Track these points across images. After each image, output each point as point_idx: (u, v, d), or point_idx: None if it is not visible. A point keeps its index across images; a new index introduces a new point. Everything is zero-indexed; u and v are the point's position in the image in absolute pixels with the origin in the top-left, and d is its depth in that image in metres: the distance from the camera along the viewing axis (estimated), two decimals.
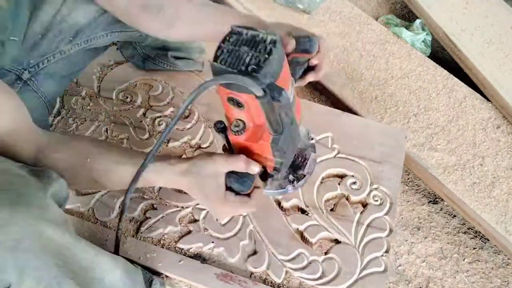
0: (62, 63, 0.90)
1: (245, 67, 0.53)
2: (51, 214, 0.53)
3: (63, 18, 0.86)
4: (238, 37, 0.55)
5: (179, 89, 1.08)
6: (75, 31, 0.88)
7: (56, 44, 0.87)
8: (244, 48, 0.54)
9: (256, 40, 0.54)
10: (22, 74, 0.85)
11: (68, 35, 0.88)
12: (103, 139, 0.99)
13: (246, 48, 0.54)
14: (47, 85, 0.89)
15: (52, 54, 0.88)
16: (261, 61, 0.53)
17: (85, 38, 0.90)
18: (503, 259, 1.05)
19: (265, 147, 0.62)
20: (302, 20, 1.40)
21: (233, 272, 0.82)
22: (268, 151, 0.63)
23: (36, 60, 0.86)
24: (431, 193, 1.15)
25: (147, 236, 0.86)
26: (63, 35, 0.87)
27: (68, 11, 0.86)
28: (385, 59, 1.32)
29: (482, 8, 1.42)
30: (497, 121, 1.21)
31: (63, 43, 0.88)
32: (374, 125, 1.05)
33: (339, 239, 0.88)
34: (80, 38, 0.90)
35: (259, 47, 0.54)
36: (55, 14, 0.85)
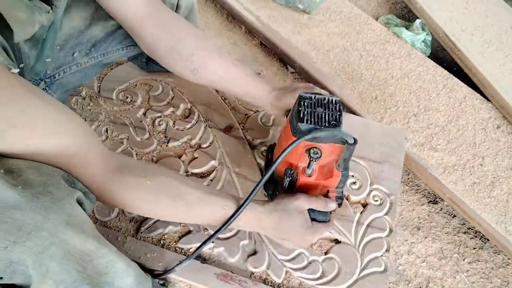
0: (77, 75, 0.92)
1: (328, 123, 0.67)
2: (77, 220, 0.54)
3: (81, 32, 0.87)
4: (310, 101, 0.68)
5: (179, 89, 1.08)
6: (91, 44, 0.90)
7: (73, 56, 0.89)
8: (319, 109, 0.68)
9: (325, 102, 0.69)
10: (39, 85, 0.86)
11: (85, 48, 0.90)
12: (103, 139, 0.99)
13: (321, 109, 0.68)
14: (58, 94, 0.91)
15: (68, 66, 0.89)
16: (337, 117, 0.68)
17: (101, 51, 0.92)
18: (503, 259, 1.05)
19: (333, 182, 0.75)
20: (302, 20, 1.40)
21: (233, 272, 0.82)
22: (335, 185, 0.76)
23: (52, 71, 0.87)
24: (431, 193, 1.15)
25: (147, 236, 0.86)
26: (80, 48, 0.89)
27: (86, 26, 0.87)
28: (385, 59, 1.32)
29: (482, 8, 1.42)
30: (497, 121, 1.21)
31: (79, 56, 0.89)
32: (374, 125, 1.05)
33: (339, 239, 0.88)
34: (97, 51, 0.91)
35: (331, 107, 0.68)
36: (74, 27, 0.86)
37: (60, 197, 0.53)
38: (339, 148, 0.69)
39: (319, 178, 0.74)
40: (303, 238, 0.74)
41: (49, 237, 0.50)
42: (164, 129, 1.01)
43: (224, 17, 1.52)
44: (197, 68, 0.85)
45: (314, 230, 0.74)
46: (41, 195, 0.51)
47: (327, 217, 0.76)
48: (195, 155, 0.97)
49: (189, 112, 1.05)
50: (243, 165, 0.96)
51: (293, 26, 1.38)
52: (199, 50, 0.85)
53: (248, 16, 1.40)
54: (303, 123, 0.66)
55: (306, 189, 0.77)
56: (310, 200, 0.74)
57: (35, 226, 0.49)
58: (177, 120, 1.03)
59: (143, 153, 0.97)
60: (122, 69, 1.12)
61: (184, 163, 0.96)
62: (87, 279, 0.55)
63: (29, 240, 0.48)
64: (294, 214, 0.73)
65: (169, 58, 0.86)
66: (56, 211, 0.51)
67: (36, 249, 0.49)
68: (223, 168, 0.95)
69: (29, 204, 0.49)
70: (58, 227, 0.51)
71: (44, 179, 0.53)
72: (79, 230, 0.54)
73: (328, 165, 0.73)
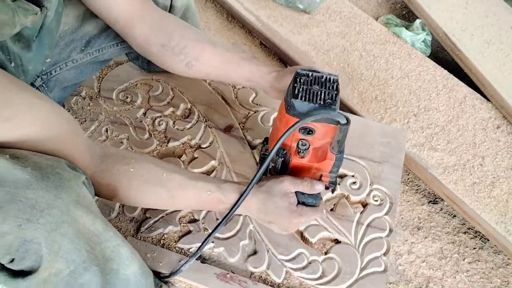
0: (73, 71, 0.92)
1: (323, 101, 0.64)
2: (86, 201, 0.55)
3: (74, 28, 0.88)
4: (306, 79, 0.66)
5: (179, 89, 1.08)
6: (86, 41, 0.90)
7: (68, 53, 0.89)
8: (316, 87, 0.65)
9: (322, 80, 0.66)
10: (35, 81, 0.86)
11: (79, 45, 0.90)
12: (103, 139, 0.99)
13: (317, 87, 0.65)
14: (55, 91, 0.91)
15: (64, 63, 0.89)
16: (333, 96, 0.65)
17: (96, 47, 0.92)
18: (503, 259, 1.05)
19: (326, 165, 0.72)
20: (302, 20, 1.40)
21: (233, 272, 0.83)
22: (328, 168, 0.73)
23: (48, 68, 0.87)
24: (431, 193, 1.15)
25: (147, 236, 0.86)
26: (74, 44, 0.89)
27: (79, 23, 0.88)
28: (385, 59, 1.32)
29: (482, 8, 1.42)
30: (497, 121, 1.21)
31: (74, 52, 0.90)
32: (374, 125, 1.05)
33: (339, 239, 0.88)
34: (92, 47, 0.92)
35: (327, 85, 0.66)
36: (67, 24, 0.86)
37: (68, 178, 0.54)
38: (333, 129, 0.67)
39: (312, 161, 0.72)
40: (288, 221, 0.73)
41: (60, 215, 0.51)
42: (164, 129, 1.01)
43: (224, 17, 1.52)
44: (191, 60, 0.85)
45: (299, 214, 0.72)
46: (51, 175, 0.52)
47: (317, 200, 0.74)
48: (195, 155, 0.97)
49: (189, 112, 1.05)
50: (243, 165, 0.96)
51: (293, 26, 1.38)
52: (191, 42, 0.85)
53: (248, 16, 1.40)
54: (297, 99, 0.64)
55: (298, 172, 0.75)
56: (295, 182, 0.72)
57: (47, 204, 0.50)
58: (177, 120, 1.03)
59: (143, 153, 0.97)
60: (122, 69, 1.12)
61: (184, 163, 0.96)
62: (95, 260, 0.56)
63: (42, 217, 0.49)
64: (279, 196, 0.71)
65: (162, 56, 0.86)
66: (67, 191, 0.52)
67: (49, 226, 0.50)
68: (223, 168, 0.95)
69: (40, 183, 0.50)
70: (69, 205, 0.52)
71: (50, 163, 0.54)
72: (87, 210, 0.55)
73: (322, 147, 0.71)
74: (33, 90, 0.58)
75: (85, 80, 1.09)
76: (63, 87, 0.93)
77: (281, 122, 0.69)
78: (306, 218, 0.73)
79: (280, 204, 0.71)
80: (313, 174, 0.75)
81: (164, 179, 0.69)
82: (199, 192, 0.70)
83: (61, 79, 0.90)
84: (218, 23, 1.50)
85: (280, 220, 0.73)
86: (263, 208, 0.72)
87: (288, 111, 0.66)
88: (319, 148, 0.71)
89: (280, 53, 1.35)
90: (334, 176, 0.75)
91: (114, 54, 0.98)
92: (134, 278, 0.63)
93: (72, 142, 0.61)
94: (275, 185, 0.72)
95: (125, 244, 0.61)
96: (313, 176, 0.75)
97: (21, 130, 0.53)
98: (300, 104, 0.64)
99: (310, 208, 0.74)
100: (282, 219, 0.73)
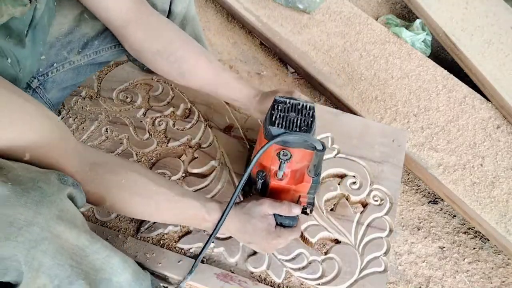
0: (70, 72, 0.92)
1: (298, 128, 0.67)
2: (69, 215, 0.54)
3: (71, 29, 0.87)
4: (284, 106, 0.69)
5: (179, 89, 1.08)
6: (83, 43, 0.90)
7: (65, 54, 0.89)
8: (292, 114, 0.68)
9: (299, 107, 0.69)
10: (32, 82, 0.86)
11: (77, 46, 0.90)
12: (103, 139, 0.99)
13: (293, 114, 0.68)
14: (53, 93, 0.91)
15: (61, 64, 0.89)
16: (309, 123, 0.68)
17: (93, 49, 0.92)
18: (503, 259, 1.05)
19: (304, 187, 0.75)
20: (302, 20, 1.40)
21: (233, 272, 0.83)
22: (306, 190, 0.76)
23: (45, 69, 0.87)
24: (431, 193, 1.15)
25: (147, 236, 0.86)
26: (71, 46, 0.89)
27: (75, 24, 0.88)
28: (385, 59, 1.32)
29: (482, 8, 1.43)
30: (497, 121, 1.21)
31: (72, 54, 0.90)
32: (374, 125, 1.05)
33: (339, 239, 0.88)
34: (89, 49, 0.91)
35: (304, 112, 0.69)
36: (63, 24, 0.86)
37: (50, 192, 0.52)
38: (310, 154, 0.70)
39: (290, 183, 0.75)
40: (266, 241, 0.75)
41: (40, 232, 0.50)
42: (164, 129, 1.01)
43: (224, 17, 1.52)
44: (185, 71, 0.86)
45: (278, 235, 0.75)
46: (31, 190, 0.51)
47: (295, 222, 0.76)
48: (195, 155, 0.97)
49: (189, 112, 1.05)
50: (243, 165, 0.96)
51: (293, 26, 1.38)
52: (186, 53, 0.85)
53: (248, 16, 1.40)
54: (274, 126, 0.67)
55: (278, 193, 0.78)
56: (274, 205, 0.75)
57: (26, 221, 0.49)
58: (177, 120, 1.03)
59: (143, 153, 0.97)
60: (122, 69, 1.12)
61: (184, 163, 0.96)
62: (81, 274, 0.55)
63: (20, 235, 0.48)
64: (257, 218, 0.74)
65: (155, 61, 0.86)
66: (47, 206, 0.51)
67: (28, 244, 0.49)
68: (223, 168, 0.95)
69: (19, 199, 0.49)
70: (49, 221, 0.51)
71: (33, 176, 0.53)
72: (71, 225, 0.54)
73: (300, 170, 0.74)
74: (25, 94, 0.57)
75: (85, 80, 1.09)
76: (61, 88, 0.93)
77: (260, 145, 0.71)
78: (284, 239, 0.76)
79: (259, 226, 0.74)
80: (291, 195, 0.78)
81: (153, 192, 0.70)
82: (185, 209, 0.72)
83: (58, 80, 0.90)
84: (218, 23, 1.50)
85: (259, 241, 0.75)
86: (243, 229, 0.75)
87: (266, 136, 0.69)
88: (297, 171, 0.75)
89: (280, 53, 1.35)
90: (311, 197, 0.78)
91: (112, 56, 0.97)
92: (127, 285, 0.63)
93: (61, 148, 0.60)
94: (254, 207, 0.75)
95: (115, 253, 0.61)
96: (292, 197, 0.78)
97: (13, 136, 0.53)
98: (277, 130, 0.67)
99: (288, 229, 0.76)
100: (261, 240, 0.75)
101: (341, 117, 1.05)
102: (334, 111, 1.07)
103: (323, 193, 0.93)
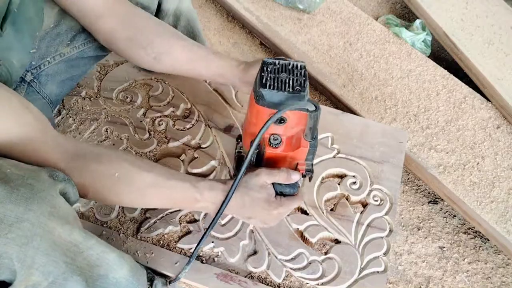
0: (63, 65, 0.92)
1: (292, 88, 0.64)
2: (61, 211, 0.54)
3: (57, 22, 0.88)
4: (273, 67, 0.65)
5: (179, 89, 1.08)
6: (72, 36, 0.91)
7: (55, 47, 0.90)
8: (283, 75, 0.65)
9: (289, 67, 0.65)
10: (25, 76, 0.86)
11: (65, 39, 0.90)
12: (103, 139, 0.99)
13: (285, 74, 0.65)
14: (49, 86, 0.91)
15: (52, 56, 0.90)
16: (301, 82, 0.64)
17: (81, 41, 0.93)
18: (503, 259, 1.05)
19: (301, 153, 0.71)
20: (302, 20, 1.40)
21: (233, 272, 0.83)
22: (303, 156, 0.72)
23: (37, 62, 0.88)
24: (431, 193, 1.15)
25: (147, 236, 0.86)
26: (60, 38, 0.90)
27: (60, 17, 0.89)
28: (385, 59, 1.32)
29: (482, 8, 1.42)
30: (497, 121, 1.21)
31: (61, 46, 0.90)
32: (374, 125, 1.05)
33: (339, 239, 0.88)
34: (77, 41, 0.92)
35: (295, 72, 0.65)
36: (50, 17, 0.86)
37: (40, 189, 0.52)
38: (305, 116, 0.66)
39: (286, 150, 0.71)
40: (268, 213, 0.72)
41: (31, 228, 0.50)
42: (164, 129, 1.01)
43: (224, 17, 1.52)
44: (158, 54, 0.84)
45: (279, 204, 0.71)
46: (20, 187, 0.51)
47: (295, 189, 0.73)
48: (195, 155, 0.97)
49: (189, 112, 1.05)
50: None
51: (293, 26, 1.38)
52: (158, 35, 0.84)
53: (248, 16, 1.40)
54: (265, 88, 0.63)
55: (274, 162, 0.74)
56: (272, 173, 0.71)
57: (16, 218, 0.49)
58: (177, 120, 1.03)
59: (143, 153, 0.97)
60: (122, 69, 1.12)
61: (184, 163, 0.96)
62: (77, 270, 0.54)
63: (11, 232, 0.48)
64: (255, 189, 0.70)
65: (129, 49, 0.85)
66: (38, 202, 0.51)
67: (19, 241, 0.49)
68: (223, 168, 0.95)
69: (8, 196, 0.49)
70: (40, 218, 0.51)
71: (22, 173, 0.53)
72: (63, 221, 0.53)
73: (296, 136, 0.70)
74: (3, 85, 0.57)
75: (85, 80, 1.09)
76: (59, 81, 0.93)
77: (251, 114, 0.68)
78: (286, 208, 0.72)
79: (258, 196, 0.70)
80: (288, 163, 0.74)
81: (136, 178, 0.67)
82: (173, 192, 0.69)
83: (52, 73, 0.90)
84: (218, 23, 1.50)
85: (259, 213, 0.72)
86: (241, 204, 0.71)
87: (257, 101, 0.65)
88: (292, 137, 0.71)
89: (280, 53, 1.35)
90: (310, 164, 0.74)
91: (101, 48, 0.96)
92: (125, 281, 0.62)
93: (41, 139, 0.60)
94: (251, 179, 0.71)
95: (111, 250, 0.60)
96: (289, 166, 0.74)
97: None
98: (269, 92, 0.63)
99: (289, 197, 0.73)
100: (261, 211, 0.72)
101: (341, 117, 1.05)
102: (334, 111, 1.07)
103: (323, 193, 0.93)
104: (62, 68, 0.92)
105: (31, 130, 0.58)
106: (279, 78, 0.64)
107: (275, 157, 0.73)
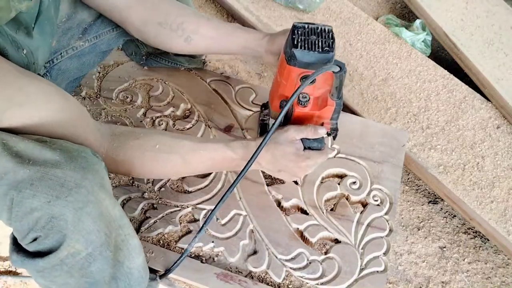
0: (75, 60, 0.94)
1: (321, 49, 0.70)
2: (108, 185, 0.58)
3: (69, 16, 0.90)
4: (303, 30, 0.71)
5: (179, 89, 1.08)
6: (83, 29, 0.93)
7: (67, 41, 0.91)
8: (313, 37, 0.71)
9: (318, 30, 0.71)
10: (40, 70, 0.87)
11: (77, 32, 0.92)
12: None
13: (314, 37, 0.71)
14: (59, 81, 0.93)
15: (65, 50, 0.92)
16: (329, 44, 0.70)
17: (93, 34, 0.95)
18: (503, 259, 1.05)
19: (327, 112, 0.77)
20: (302, 20, 1.40)
21: (233, 272, 0.83)
22: (329, 115, 0.78)
23: (50, 56, 0.89)
24: (431, 193, 1.15)
25: (147, 236, 0.86)
26: (72, 32, 0.91)
27: (72, 11, 0.90)
28: (385, 59, 1.32)
29: (482, 8, 1.42)
30: (497, 121, 1.21)
31: (73, 40, 0.92)
32: (374, 125, 1.05)
33: (339, 239, 0.88)
34: (89, 34, 0.94)
35: (323, 34, 0.71)
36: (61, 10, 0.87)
37: (94, 162, 0.56)
38: (331, 76, 0.71)
39: (314, 109, 0.77)
40: (297, 165, 0.76)
41: (87, 195, 0.53)
42: (164, 129, 1.01)
43: (224, 17, 1.52)
44: (189, 35, 0.88)
45: (307, 157, 0.76)
46: (78, 157, 0.55)
47: (322, 144, 0.78)
48: None
49: (189, 112, 1.05)
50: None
51: None
52: (187, 17, 0.88)
53: (248, 16, 1.40)
54: (297, 48, 0.69)
55: (301, 121, 0.79)
56: (300, 129, 0.76)
57: (75, 183, 0.52)
58: (177, 120, 1.03)
59: None
60: (122, 69, 1.12)
61: None
62: (111, 245, 0.58)
63: (70, 195, 0.52)
64: (285, 143, 0.75)
65: (160, 34, 0.89)
66: (92, 173, 0.55)
67: (76, 204, 0.52)
68: None
69: (68, 164, 0.53)
70: (94, 187, 0.54)
71: (76, 147, 0.57)
72: (110, 195, 0.57)
73: (322, 96, 0.76)
74: (41, 77, 0.60)
75: (85, 80, 1.09)
76: (67, 79, 0.95)
77: (282, 75, 0.73)
78: (313, 160, 0.77)
79: (288, 150, 0.75)
80: (315, 122, 0.79)
81: (175, 146, 0.72)
82: (211, 153, 0.74)
83: (63, 68, 0.92)
84: None
85: (289, 166, 0.76)
86: (272, 158, 0.75)
87: (289, 62, 0.71)
88: (319, 97, 0.76)
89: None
90: (335, 123, 0.80)
91: (112, 41, 0.99)
92: (137, 273, 0.65)
93: (82, 124, 0.63)
94: (280, 135, 0.76)
95: (135, 235, 0.63)
96: (315, 124, 0.79)
97: (35, 115, 0.56)
98: (301, 52, 0.69)
99: (316, 151, 0.78)
100: (290, 164, 0.76)
101: (341, 117, 1.04)
102: None
103: (323, 193, 0.93)
104: (74, 64, 0.94)
105: (71, 116, 0.61)
106: (309, 39, 0.70)
107: (303, 116, 0.78)
